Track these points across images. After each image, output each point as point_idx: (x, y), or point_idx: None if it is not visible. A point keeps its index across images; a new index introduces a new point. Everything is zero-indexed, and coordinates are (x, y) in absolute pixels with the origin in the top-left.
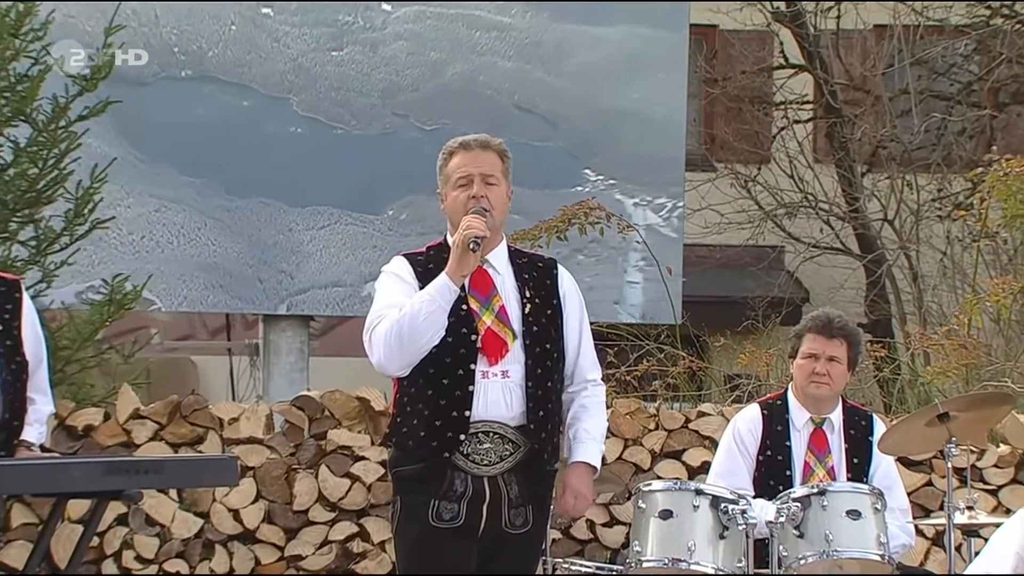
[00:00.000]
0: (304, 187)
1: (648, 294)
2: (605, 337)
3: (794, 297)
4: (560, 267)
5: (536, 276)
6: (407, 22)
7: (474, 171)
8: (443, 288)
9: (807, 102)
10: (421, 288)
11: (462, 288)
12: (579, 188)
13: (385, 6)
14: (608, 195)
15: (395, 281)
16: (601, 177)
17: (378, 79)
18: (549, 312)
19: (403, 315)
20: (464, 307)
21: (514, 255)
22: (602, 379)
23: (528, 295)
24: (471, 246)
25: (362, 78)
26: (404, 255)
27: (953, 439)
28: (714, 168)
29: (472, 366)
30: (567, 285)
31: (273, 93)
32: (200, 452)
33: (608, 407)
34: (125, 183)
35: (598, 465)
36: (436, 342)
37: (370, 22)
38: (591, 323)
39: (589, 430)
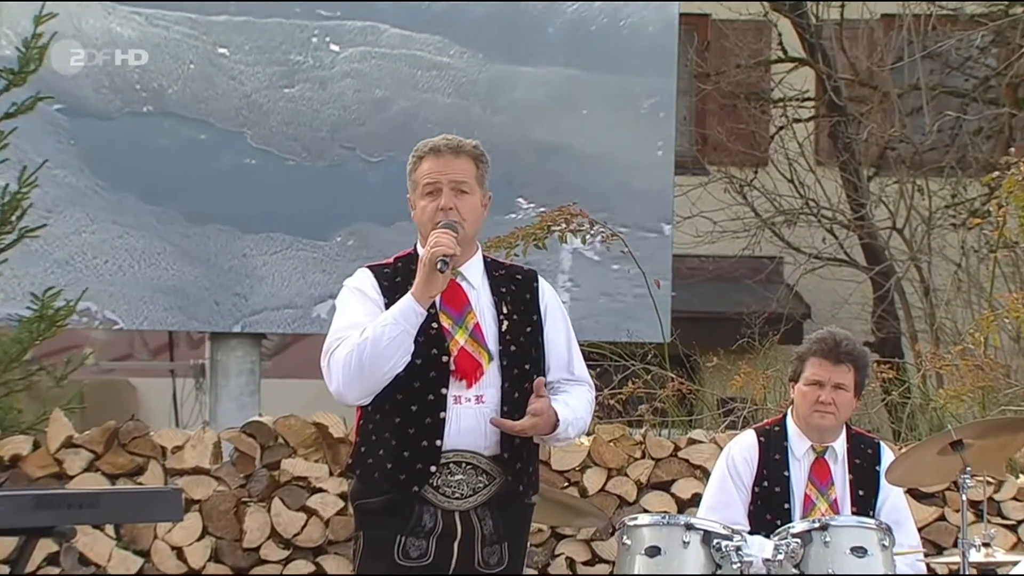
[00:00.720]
0: (257, 215)
1: (634, 309)
2: (586, 357)
3: (794, 313)
4: (541, 280)
5: (514, 290)
6: (354, 62)
7: (443, 179)
8: (408, 311)
9: (808, 99)
10: (388, 304)
11: (432, 305)
12: (512, 215)
13: (334, 47)
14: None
15: (358, 297)
16: (532, 205)
17: (327, 114)
18: (528, 330)
19: (364, 339)
20: (435, 325)
21: (490, 267)
22: None
23: (505, 311)
24: (439, 266)
25: (312, 113)
26: (369, 267)
27: (968, 469)
28: (706, 171)
29: (443, 390)
30: (548, 299)
31: (229, 127)
32: (140, 484)
33: (590, 433)
34: (90, 211)
35: (563, 420)
36: (401, 369)
37: (319, 61)
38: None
39: (568, 401)
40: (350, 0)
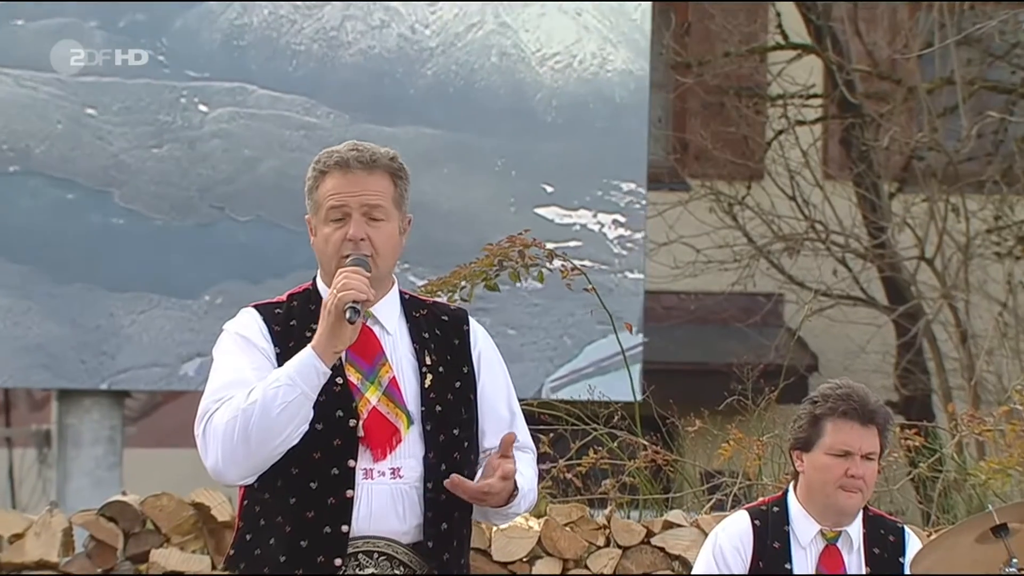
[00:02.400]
0: (125, 274)
1: (597, 360)
2: (537, 420)
3: (797, 364)
4: (472, 322)
5: (440, 335)
6: (222, 122)
7: (352, 202)
8: (307, 368)
9: (814, 96)
10: (280, 355)
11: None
12: None
13: (202, 107)
14: (402, 276)
15: (241, 346)
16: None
17: (196, 174)
18: (458, 385)
19: (251, 404)
20: (339, 381)
21: (409, 306)
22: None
23: (429, 362)
24: (347, 315)
25: (180, 173)
26: (256, 307)
27: (1014, 560)
28: (686, 186)
29: (351, 463)
30: (482, 346)
31: (97, 187)
32: None
33: (540, 515)
34: None
35: (520, 489)
36: (296, 440)
37: (188, 121)
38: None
39: (519, 468)
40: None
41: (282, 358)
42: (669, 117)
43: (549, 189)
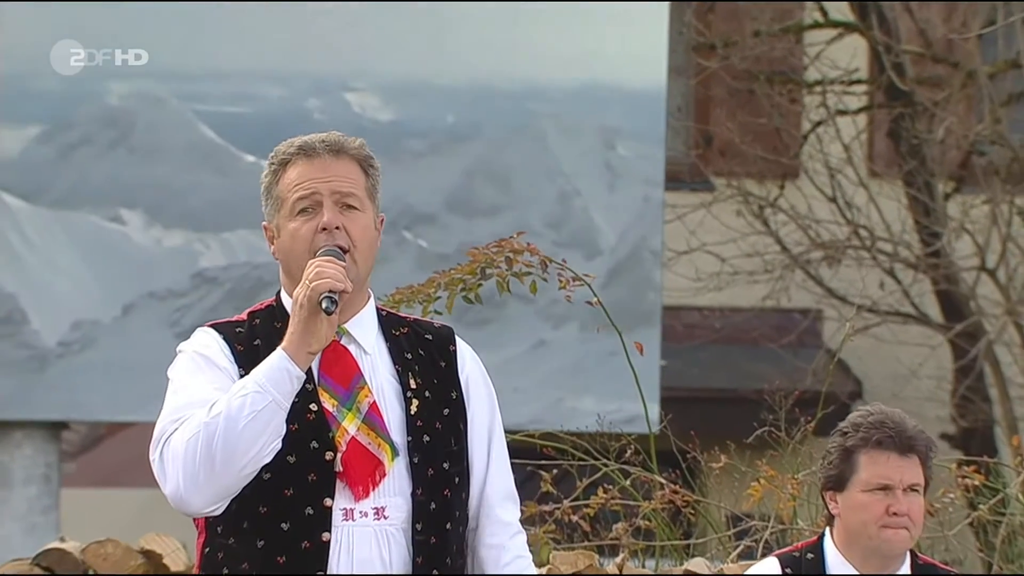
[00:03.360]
0: None
1: (606, 386)
2: (538, 453)
3: (838, 391)
4: (459, 340)
5: (424, 355)
6: None
7: (322, 188)
8: (279, 372)
9: (858, 81)
10: (244, 376)
11: (308, 377)
12: None
13: None
14: None
15: (201, 365)
16: None
17: None
18: (447, 412)
19: (215, 416)
20: (313, 407)
21: (387, 323)
22: (530, 519)
23: (414, 385)
24: (324, 304)
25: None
26: (213, 326)
27: None
28: (710, 186)
29: (328, 502)
30: (470, 367)
31: None
32: None
33: (542, 563)
34: None
35: None
36: (269, 458)
37: None
38: (513, 432)
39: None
40: None
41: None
42: (690, 106)
43: None
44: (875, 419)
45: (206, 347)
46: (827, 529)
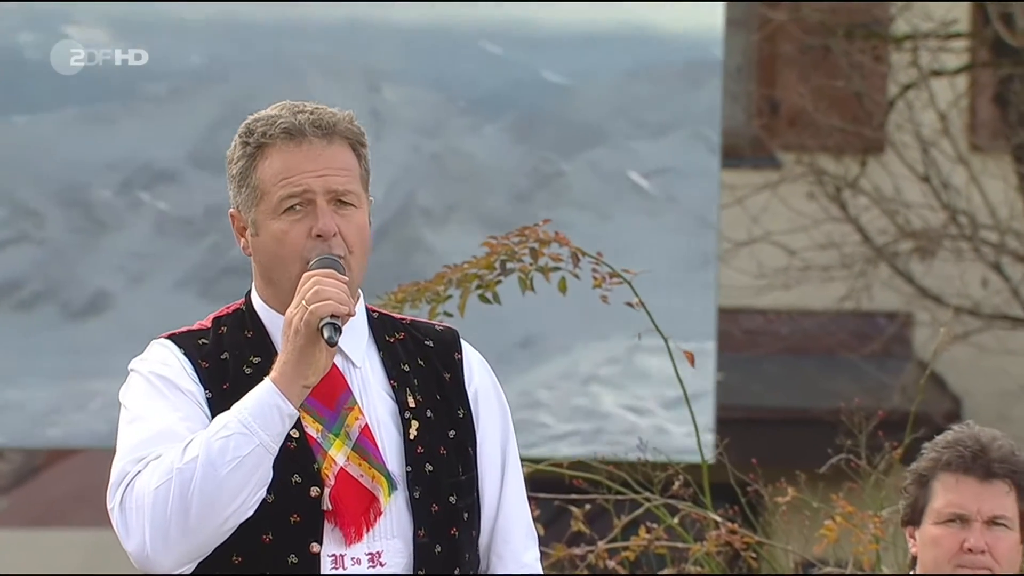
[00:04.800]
0: None
1: (650, 405)
2: (567, 485)
3: (932, 412)
4: (465, 345)
5: (424, 366)
6: None
7: (315, 184)
8: (268, 411)
9: (956, 35)
10: (214, 401)
11: None
12: None
13: None
14: None
15: (161, 390)
16: None
17: None
18: (452, 435)
19: (190, 461)
20: (294, 434)
21: (380, 327)
22: (558, 565)
23: (413, 404)
24: (326, 334)
25: None
26: (171, 337)
27: None
28: (776, 162)
29: (314, 547)
30: (479, 378)
31: None
32: None
33: None
34: None
35: None
36: (252, 511)
37: None
38: (533, 461)
39: None
40: None
41: (215, 404)
42: (753, 67)
43: None
44: (953, 437)
45: (164, 365)
46: (911, 572)
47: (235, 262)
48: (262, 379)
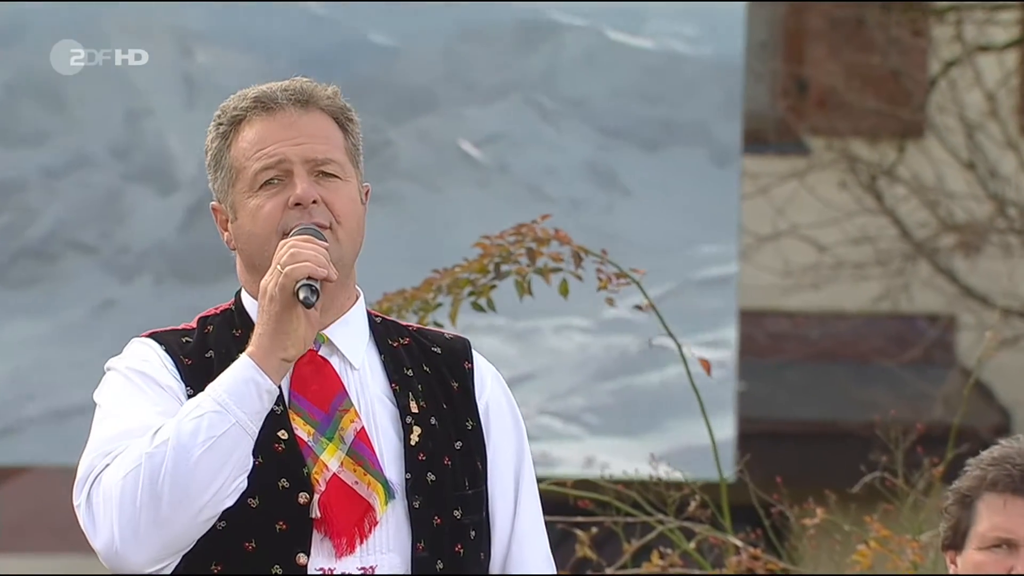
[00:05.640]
0: None
1: (662, 419)
2: (572, 507)
3: (977, 425)
4: (476, 356)
5: (430, 374)
6: None
7: (291, 152)
8: (245, 385)
9: (1004, 6)
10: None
11: (277, 398)
12: None
13: None
14: None
15: (139, 385)
16: None
17: None
18: (460, 445)
19: (160, 445)
20: (282, 435)
21: (383, 331)
22: None
23: (416, 409)
24: (301, 295)
25: None
26: (153, 336)
27: None
28: (805, 148)
29: (301, 559)
30: (492, 390)
31: None
32: None
33: None
34: None
35: None
36: (232, 500)
37: None
38: (542, 480)
39: None
40: None
41: None
42: (778, 43)
43: None
44: (1000, 453)
45: (144, 361)
46: None
47: (31, 243)
48: None
